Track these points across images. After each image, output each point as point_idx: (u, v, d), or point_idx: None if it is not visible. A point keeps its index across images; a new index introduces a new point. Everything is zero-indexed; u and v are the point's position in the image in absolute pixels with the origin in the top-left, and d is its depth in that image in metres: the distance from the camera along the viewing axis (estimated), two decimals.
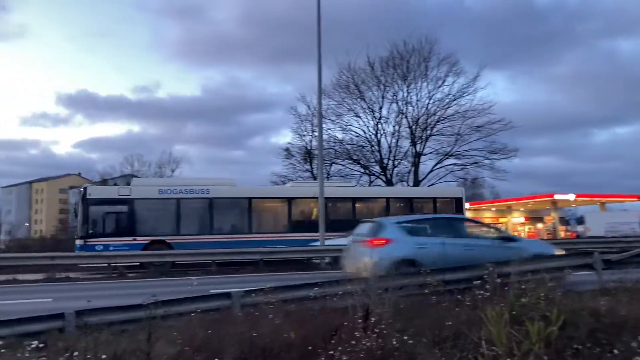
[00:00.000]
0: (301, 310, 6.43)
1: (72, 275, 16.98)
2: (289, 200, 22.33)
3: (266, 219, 22.87)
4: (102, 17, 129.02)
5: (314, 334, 5.30)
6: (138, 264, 18.71)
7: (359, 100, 36.05)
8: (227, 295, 7.21)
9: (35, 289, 13.90)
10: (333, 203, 22.38)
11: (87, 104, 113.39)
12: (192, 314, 5.98)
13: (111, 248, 19.42)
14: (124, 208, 20.48)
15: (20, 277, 16.68)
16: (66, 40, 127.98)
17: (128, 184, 27.03)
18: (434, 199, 24.11)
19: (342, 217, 22.09)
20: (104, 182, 52.71)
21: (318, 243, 19.68)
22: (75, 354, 4.23)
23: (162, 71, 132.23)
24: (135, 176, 58.33)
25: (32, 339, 6.08)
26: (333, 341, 4.97)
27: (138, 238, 20.04)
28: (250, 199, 22.09)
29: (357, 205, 23.02)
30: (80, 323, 6.51)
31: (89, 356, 4.26)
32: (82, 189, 20.97)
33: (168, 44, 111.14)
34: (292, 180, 35.15)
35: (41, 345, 4.43)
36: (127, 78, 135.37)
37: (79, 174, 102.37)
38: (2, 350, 4.59)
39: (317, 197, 20.35)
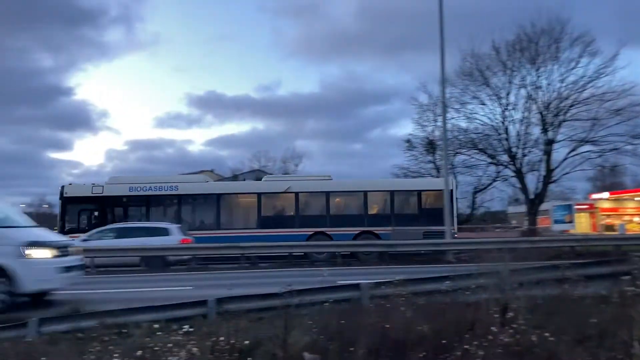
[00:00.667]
0: (432, 304, 6.35)
1: (209, 264, 18.14)
2: (259, 195, 21.97)
3: (236, 214, 22.82)
4: (226, 22, 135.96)
5: (447, 328, 5.22)
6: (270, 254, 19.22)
7: (483, 87, 34.59)
8: (356, 287, 7.30)
9: (178, 278, 15.04)
10: (309, 198, 22.26)
11: (216, 105, 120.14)
12: (325, 304, 6.13)
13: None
14: (97, 205, 21.56)
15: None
16: (195, 45, 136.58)
17: (258, 178, 28.16)
18: (419, 192, 22.39)
19: (320, 212, 21.77)
20: (234, 177, 55.51)
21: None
22: (222, 338, 4.51)
23: (283, 69, 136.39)
24: (263, 171, 61.05)
25: (178, 324, 6.65)
26: (467, 336, 4.86)
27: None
28: (219, 194, 22.23)
29: (336, 199, 22.48)
30: (220, 310, 6.94)
31: (232, 341, 4.53)
32: (60, 188, 21.61)
33: (287, 42, 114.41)
34: (415, 172, 34.69)
35: (191, 329, 4.78)
36: (251, 78, 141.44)
37: (212, 170, 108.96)
38: (158, 333, 5.01)
39: (288, 192, 21.16)
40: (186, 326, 4.72)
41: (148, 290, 11.28)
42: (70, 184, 22.93)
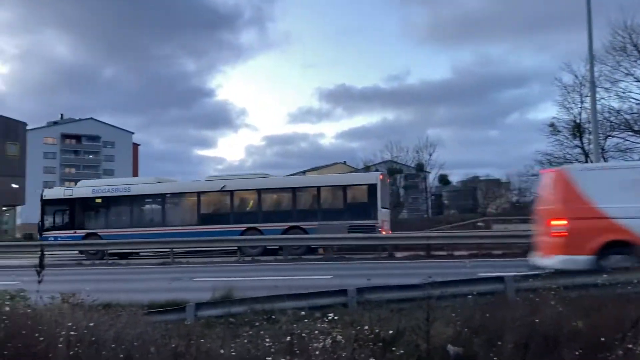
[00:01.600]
0: (585, 298, 5.92)
1: (346, 255, 18.46)
2: (198, 194, 23.39)
3: (180, 212, 24.22)
4: (353, 15, 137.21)
5: (605, 324, 4.83)
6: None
7: (638, 62, 31.45)
8: (500, 280, 7.02)
9: (316, 267, 15.51)
10: (242, 195, 23.22)
11: (345, 97, 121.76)
12: (469, 297, 5.97)
13: (59, 239, 23.25)
14: (68, 206, 24.31)
15: (303, 255, 18.83)
16: (323, 40, 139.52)
17: (390, 169, 28.25)
18: (345, 187, 22.43)
19: (252, 209, 22.86)
20: (366, 168, 55.85)
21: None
22: (366, 328, 4.57)
23: (412, 58, 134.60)
24: (396, 162, 60.72)
25: (321, 311, 6.85)
26: (630, 334, 4.45)
27: (78, 231, 23.45)
28: (164, 194, 24.09)
29: (267, 196, 23.11)
30: (360, 299, 7.04)
31: (376, 330, 4.57)
32: (40, 191, 25.26)
33: (415, 30, 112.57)
34: (560, 158, 32.45)
35: (336, 317, 4.90)
36: (380, 69, 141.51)
37: (344, 162, 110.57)
38: (303, 320, 5.19)
39: (224, 191, 22.58)
40: (331, 314, 4.83)
41: (289, 278, 11.77)
42: (48, 189, 27.38)
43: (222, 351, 4.65)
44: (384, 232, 20.68)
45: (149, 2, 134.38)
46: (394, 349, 4.66)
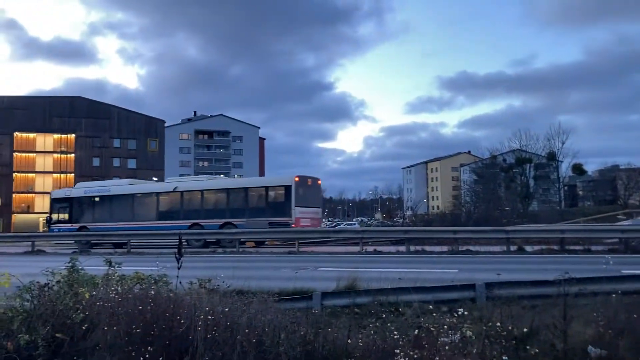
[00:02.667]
0: None
1: (472, 248, 17.85)
2: (157, 195, 28.21)
3: (145, 209, 28.11)
4: (473, 0, 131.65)
5: None
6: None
7: None
8: None
9: (441, 260, 15.16)
10: (189, 195, 27.29)
11: (467, 85, 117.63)
12: (612, 295, 5.50)
13: (61, 230, 28.94)
14: (67, 204, 30.06)
15: (427, 248, 18.51)
16: (443, 28, 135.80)
17: (519, 159, 27.25)
18: (266, 188, 25.98)
19: (196, 207, 26.71)
20: (493, 158, 53.71)
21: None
22: (498, 324, 4.38)
23: (538, 41, 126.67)
24: (524, 151, 57.62)
25: (447, 305, 6.67)
26: None
27: (74, 224, 28.79)
28: (133, 194, 28.92)
29: (210, 196, 27.06)
30: (490, 295, 6.76)
31: (509, 327, 4.36)
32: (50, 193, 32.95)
33: (540, 11, 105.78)
34: None
35: (465, 312, 4.74)
36: (503, 54, 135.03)
37: (469, 152, 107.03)
38: (431, 314, 5.09)
39: (176, 191, 27.18)
40: (460, 309, 4.68)
41: (413, 271, 11.63)
42: (56, 190, 35.79)
43: (349, 341, 4.70)
44: (294, 227, 23.02)
45: (270, 1, 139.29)
46: (527, 347, 4.42)
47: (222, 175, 32.32)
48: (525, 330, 4.37)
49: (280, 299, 6.03)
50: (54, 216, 30.46)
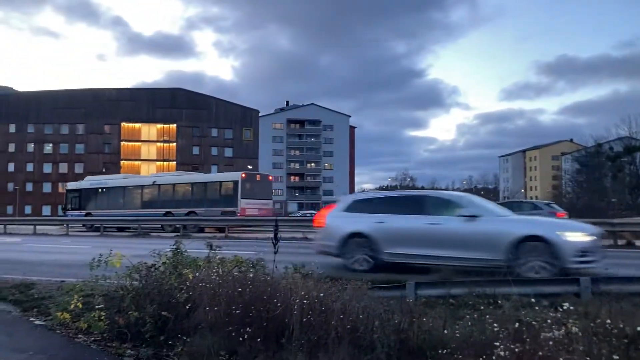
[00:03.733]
0: None
1: None
2: (142, 187, 34.87)
3: (132, 199, 34.31)
4: None
5: None
6: None
7: None
8: None
9: None
10: (164, 188, 33.33)
11: (567, 70, 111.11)
12: None
13: (73, 215, 35.73)
14: (77, 194, 36.98)
15: None
16: (540, 10, 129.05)
17: (627, 147, 25.71)
18: (220, 183, 31.93)
19: (169, 198, 32.70)
20: (598, 146, 50.51)
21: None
22: (608, 321, 4.11)
23: None
24: (634, 138, 53.61)
25: (548, 300, 6.37)
26: None
27: (82, 211, 35.61)
28: (124, 186, 35.34)
29: (179, 189, 32.99)
30: (596, 290, 6.38)
31: (620, 325, 4.08)
32: (65, 185, 40.89)
33: None
34: None
35: (571, 307, 4.50)
36: (609, 35, 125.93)
37: (571, 140, 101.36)
38: (536, 308, 4.89)
39: (155, 185, 33.80)
40: (565, 304, 4.44)
41: None
42: (71, 182, 41.92)
43: (445, 331, 4.61)
44: (240, 215, 27.97)
45: None
46: None
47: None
48: (638, 329, 4.07)
49: (373, 286, 6.02)
50: (68, 204, 37.57)
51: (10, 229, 31.26)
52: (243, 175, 30.80)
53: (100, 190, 36.51)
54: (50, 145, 79.68)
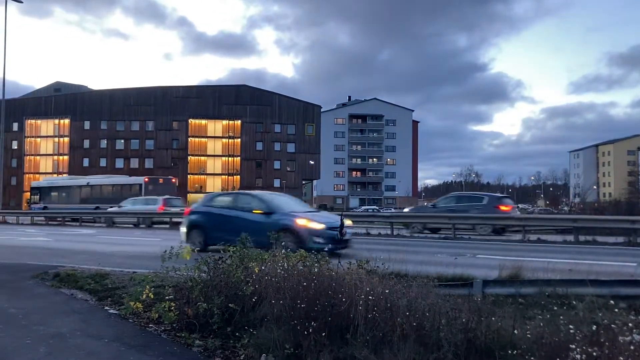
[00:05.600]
0: None
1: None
2: (80, 187, 44.72)
3: (77, 196, 43.45)
4: None
5: None
6: None
7: None
8: None
9: (616, 252, 13.83)
10: (93, 188, 43.78)
11: None
12: None
13: (35, 209, 43.41)
14: (38, 191, 47.52)
15: (599, 238, 16.98)
16: (608, 0, 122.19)
17: None
18: (130, 185, 41.75)
19: (97, 195, 42.50)
20: None
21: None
22: None
23: None
24: None
25: (625, 302, 6.06)
26: None
27: (42, 204, 44.35)
28: (69, 186, 45.81)
29: (103, 189, 42.97)
30: None
31: None
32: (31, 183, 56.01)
33: None
34: None
35: None
36: None
37: None
38: (615, 310, 4.66)
39: (89, 185, 44.33)
40: None
41: (583, 262, 10.73)
42: (34, 181, 52.97)
43: (515, 332, 4.46)
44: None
45: None
46: None
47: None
48: None
49: (440, 284, 5.91)
50: (32, 199, 47.84)
51: None
52: (146, 179, 41.77)
53: (52, 188, 47.20)
54: (122, 141, 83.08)
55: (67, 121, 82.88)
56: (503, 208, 20.80)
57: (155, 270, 6.77)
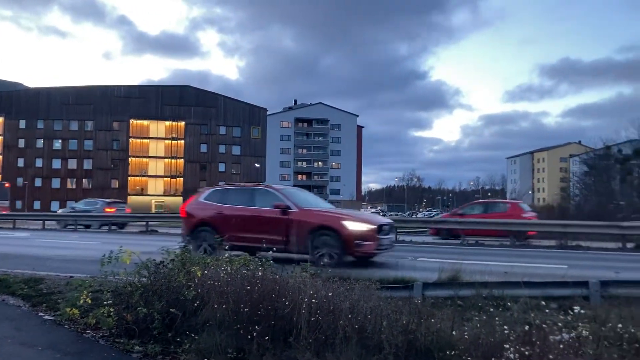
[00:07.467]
0: None
1: (582, 244, 16.85)
2: None
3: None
4: None
5: None
6: None
7: None
8: None
9: (549, 255, 14.43)
10: None
11: (570, 72, 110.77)
12: None
13: None
14: None
15: (533, 242, 17.70)
16: (542, 13, 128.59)
17: (637, 149, 25.17)
18: None
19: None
20: (607, 148, 50.18)
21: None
22: (619, 325, 4.09)
23: None
24: None
25: (557, 302, 6.34)
26: None
27: None
28: None
29: None
30: (605, 294, 6.34)
31: (632, 330, 4.06)
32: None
33: None
34: None
35: (582, 311, 4.48)
36: (611, 39, 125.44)
37: (579, 142, 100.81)
38: (545, 311, 4.87)
39: None
40: (577, 308, 4.42)
41: (518, 265, 11.16)
42: None
43: (453, 333, 4.59)
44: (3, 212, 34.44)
45: None
46: None
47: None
48: None
49: (381, 286, 6.01)
50: None
51: None
52: (7, 184, 43.33)
53: None
54: (60, 141, 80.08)
55: (0, 120, 79.11)
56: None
57: (93, 275, 6.56)
